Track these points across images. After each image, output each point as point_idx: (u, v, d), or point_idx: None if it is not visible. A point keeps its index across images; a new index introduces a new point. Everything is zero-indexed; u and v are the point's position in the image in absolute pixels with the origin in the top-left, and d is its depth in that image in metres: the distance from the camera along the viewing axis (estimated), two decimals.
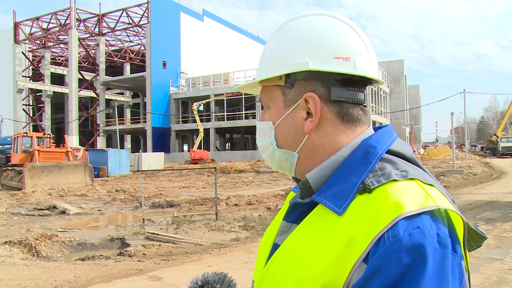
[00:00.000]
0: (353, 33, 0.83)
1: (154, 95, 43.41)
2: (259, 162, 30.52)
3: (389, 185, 0.71)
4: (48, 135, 23.76)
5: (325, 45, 0.81)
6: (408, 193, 0.69)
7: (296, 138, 0.84)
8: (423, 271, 0.62)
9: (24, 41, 49.90)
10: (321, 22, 0.83)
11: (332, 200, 0.74)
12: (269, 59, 0.87)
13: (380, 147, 0.79)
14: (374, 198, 0.70)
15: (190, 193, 17.14)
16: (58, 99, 53.77)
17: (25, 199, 15.17)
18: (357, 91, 0.83)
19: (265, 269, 0.82)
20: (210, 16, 52.47)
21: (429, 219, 0.66)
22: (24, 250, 7.53)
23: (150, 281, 5.57)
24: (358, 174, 0.75)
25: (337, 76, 0.81)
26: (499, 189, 15.26)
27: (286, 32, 0.86)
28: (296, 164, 0.86)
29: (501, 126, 48.90)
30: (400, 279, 0.62)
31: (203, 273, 0.97)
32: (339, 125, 0.82)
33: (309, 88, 0.82)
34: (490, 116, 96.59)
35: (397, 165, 0.77)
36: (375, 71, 0.85)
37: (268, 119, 0.88)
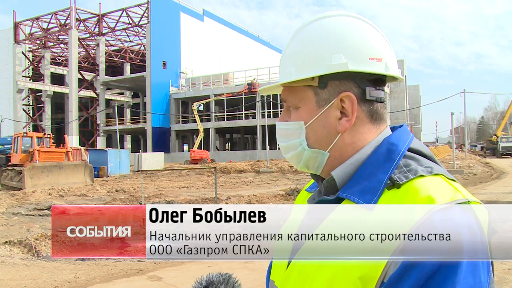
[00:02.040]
0: (380, 35, 0.86)
1: (154, 95, 43.40)
2: (259, 162, 30.51)
3: (417, 180, 0.75)
4: (48, 135, 23.74)
5: (361, 47, 0.83)
6: (437, 188, 0.73)
7: (329, 137, 0.85)
8: (459, 262, 0.66)
9: (24, 41, 49.88)
10: (351, 23, 0.85)
11: (360, 196, 0.77)
12: (299, 59, 0.86)
13: (402, 145, 0.83)
14: (404, 192, 0.74)
15: (190, 193, 17.14)
16: (58, 99, 53.75)
17: (25, 199, 15.16)
18: (382, 90, 0.87)
19: (290, 267, 0.82)
20: (210, 16, 52.46)
21: (460, 211, 0.70)
22: (24, 250, 7.52)
23: (150, 281, 5.57)
24: (384, 171, 0.79)
25: (369, 76, 0.84)
26: (499, 189, 15.27)
27: (317, 32, 0.85)
28: (325, 164, 0.87)
29: (501, 126, 48.91)
30: (438, 270, 0.65)
31: (208, 274, 0.97)
32: (368, 124, 0.85)
33: (343, 88, 0.83)
34: (490, 116, 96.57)
35: (420, 161, 0.80)
36: (398, 70, 0.89)
37: (297, 119, 0.88)
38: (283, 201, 13.54)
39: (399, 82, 0.92)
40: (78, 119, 44.62)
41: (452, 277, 0.65)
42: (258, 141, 40.70)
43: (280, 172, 25.65)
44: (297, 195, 7.85)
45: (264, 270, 0.90)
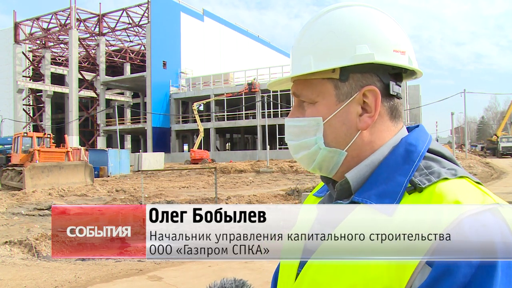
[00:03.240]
0: (401, 28, 0.82)
1: (154, 95, 43.40)
2: (259, 162, 30.51)
3: (441, 183, 0.69)
4: (48, 135, 23.76)
5: (386, 38, 0.78)
6: (465, 191, 0.68)
7: (348, 135, 0.79)
8: (494, 271, 0.60)
9: (24, 41, 49.89)
10: (375, 14, 0.80)
11: (378, 200, 0.71)
12: (319, 49, 0.79)
13: (421, 146, 0.77)
14: (428, 197, 0.68)
15: (190, 193, 17.14)
16: (58, 99, 53.76)
17: (25, 199, 15.17)
18: (400, 86, 0.82)
19: (300, 277, 0.77)
20: (210, 16, 52.46)
21: (492, 216, 0.64)
22: (25, 250, 7.53)
23: (150, 281, 5.57)
24: (403, 173, 0.73)
25: (391, 70, 0.79)
26: (499, 189, 15.25)
27: (337, 21, 0.79)
28: (341, 164, 0.80)
29: (501, 126, 48.88)
30: (471, 280, 0.60)
31: (222, 279, 0.93)
32: (387, 121, 0.80)
33: (366, 82, 0.78)
34: (490, 116, 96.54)
35: (442, 163, 0.75)
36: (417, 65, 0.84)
37: (313, 115, 0.80)
38: (283, 201, 13.54)
39: (417, 77, 0.86)
40: (78, 119, 44.63)
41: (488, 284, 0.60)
42: (258, 141, 40.69)
43: (280, 172, 25.65)
44: (297, 195, 8.00)
45: (265, 270, 0.89)
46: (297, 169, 25.72)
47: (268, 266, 6.10)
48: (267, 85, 0.99)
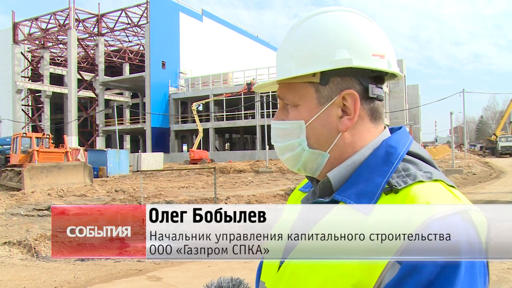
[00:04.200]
0: (382, 32, 0.84)
1: (153, 95, 43.38)
2: (258, 162, 30.51)
3: (416, 185, 0.72)
4: (47, 135, 23.73)
5: (364, 43, 0.80)
6: (436, 195, 0.71)
7: (329, 137, 0.82)
8: (457, 271, 0.64)
9: (23, 41, 49.83)
10: (354, 19, 0.82)
11: (357, 199, 0.74)
12: (301, 54, 0.82)
13: (401, 148, 0.80)
14: (402, 199, 0.71)
15: (190, 193, 17.14)
16: (57, 100, 53.71)
17: (24, 199, 15.15)
18: (381, 88, 0.84)
19: (282, 269, 0.80)
20: (210, 16, 52.45)
21: (459, 220, 0.67)
22: (24, 251, 7.52)
23: (149, 281, 5.57)
24: (381, 174, 0.76)
25: (370, 73, 0.81)
26: (499, 188, 15.28)
27: (318, 26, 0.82)
28: (324, 165, 0.83)
29: (500, 125, 48.98)
30: (436, 279, 0.64)
31: (218, 278, 0.94)
32: (368, 123, 0.82)
33: (346, 85, 0.80)
34: (489, 115, 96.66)
35: (419, 166, 0.77)
36: (398, 68, 0.86)
37: (296, 118, 0.83)
38: (282, 201, 13.53)
39: (399, 80, 0.89)
40: (77, 119, 44.59)
41: (450, 286, 0.64)
42: (258, 141, 40.70)
43: (280, 172, 25.65)
44: None
45: None
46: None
47: None
48: (253, 88, 1.02)
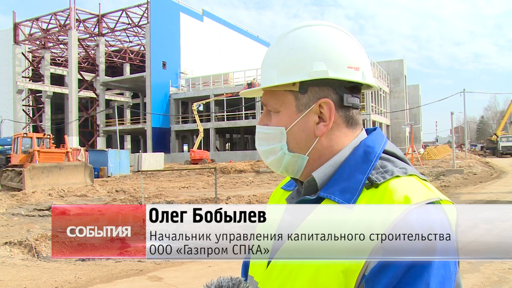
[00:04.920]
0: (357, 45, 0.91)
1: (154, 95, 43.39)
2: (259, 162, 30.50)
3: (393, 180, 0.80)
4: (48, 135, 23.74)
5: (340, 56, 0.87)
6: (412, 187, 0.79)
7: (308, 141, 0.89)
8: (434, 255, 0.72)
9: (24, 41, 49.87)
10: (332, 33, 0.89)
11: (340, 195, 0.81)
12: (281, 65, 0.89)
13: (377, 147, 0.88)
14: (382, 192, 0.79)
15: (190, 193, 17.14)
16: (58, 100, 53.76)
17: (25, 199, 15.16)
18: (358, 97, 0.91)
19: (270, 267, 0.85)
20: (210, 16, 52.45)
21: (434, 209, 0.76)
22: (24, 251, 7.52)
23: (150, 282, 5.57)
24: (362, 171, 0.83)
25: (346, 84, 0.88)
26: (499, 188, 15.26)
27: (300, 39, 0.89)
28: (304, 167, 0.90)
29: (501, 125, 48.91)
30: (415, 262, 0.71)
31: (218, 278, 0.94)
32: (344, 129, 0.90)
33: (322, 94, 0.87)
34: (490, 115, 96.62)
35: (395, 163, 0.86)
36: (373, 79, 0.94)
37: (277, 123, 0.91)
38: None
39: (374, 90, 0.97)
40: (78, 119, 44.59)
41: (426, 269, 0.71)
42: None
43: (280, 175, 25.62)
44: None
45: None
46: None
47: None
48: (240, 93, 1.10)
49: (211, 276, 2.98)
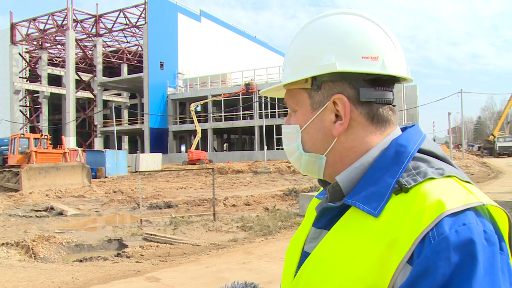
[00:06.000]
0: (380, 31, 0.80)
1: (151, 96, 43.36)
2: (256, 163, 30.52)
3: (426, 183, 0.70)
4: (45, 136, 23.70)
5: (351, 45, 0.78)
6: (448, 190, 0.68)
7: (325, 141, 0.81)
8: (474, 270, 0.60)
9: (21, 42, 49.75)
10: (346, 21, 0.80)
11: (366, 202, 0.72)
12: (294, 61, 0.84)
13: (411, 146, 0.77)
14: (412, 197, 0.68)
15: (188, 193, 17.13)
16: (55, 100, 53.64)
17: (22, 200, 15.12)
18: (386, 91, 0.81)
19: (296, 278, 0.79)
20: (208, 17, 52.45)
21: (474, 215, 0.64)
22: (22, 252, 7.50)
23: (148, 282, 5.56)
24: (391, 174, 0.73)
25: (365, 76, 0.78)
26: (497, 188, 15.29)
27: (311, 32, 0.83)
28: (324, 167, 0.83)
29: (498, 125, 49.06)
30: (450, 280, 0.60)
31: (232, 282, 0.94)
32: (369, 127, 0.80)
33: (337, 90, 0.79)
34: (487, 116, 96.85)
35: (431, 163, 0.75)
36: (404, 69, 0.82)
37: (294, 123, 0.85)
38: (281, 201, 13.54)
39: (408, 82, 0.86)
40: (75, 120, 44.52)
41: (467, 283, 0.59)
42: (256, 142, 40.71)
43: (278, 173, 25.65)
44: (294, 195, 8.10)
45: (262, 271, 0.90)
46: (295, 170, 25.71)
47: (266, 267, 6.10)
48: (260, 92, 1.03)
49: (209, 277, 3.01)
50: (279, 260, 6.34)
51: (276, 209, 11.85)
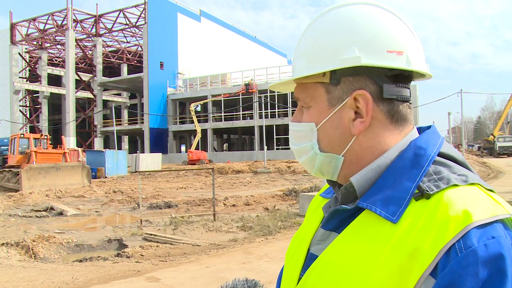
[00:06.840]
0: (402, 24, 0.76)
1: (151, 96, 43.36)
2: (256, 163, 30.52)
3: (449, 190, 0.65)
4: (45, 136, 23.70)
5: (377, 38, 0.73)
6: (474, 200, 0.64)
7: (342, 140, 0.76)
8: (503, 286, 0.56)
9: (21, 42, 49.74)
10: (370, 12, 0.75)
11: (383, 206, 0.68)
12: (311, 53, 0.77)
13: (431, 149, 0.73)
14: (435, 204, 0.64)
15: (188, 194, 17.13)
16: (55, 100, 53.62)
17: (22, 200, 15.12)
18: (405, 88, 0.76)
19: (302, 281, 0.75)
20: (207, 17, 52.45)
21: (502, 228, 0.61)
22: (21, 252, 7.50)
23: (148, 282, 5.56)
24: (410, 178, 0.69)
25: (387, 72, 0.73)
26: (496, 188, 15.13)
27: (331, 22, 0.76)
28: (340, 169, 0.78)
29: (498, 125, 49.10)
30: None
31: (233, 280, 0.92)
32: (388, 126, 0.75)
33: (358, 86, 0.74)
34: (487, 116, 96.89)
35: (452, 168, 0.71)
36: (425, 65, 0.78)
37: (308, 120, 0.79)
38: (281, 201, 13.55)
39: (427, 78, 0.82)
40: (75, 120, 44.51)
41: None
42: (256, 142, 40.70)
43: (278, 173, 25.66)
44: (294, 195, 8.07)
45: (262, 271, 0.89)
46: (295, 170, 25.74)
47: (266, 267, 6.10)
48: (269, 86, 0.97)
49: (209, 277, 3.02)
50: (279, 260, 6.34)
51: (276, 209, 11.86)
